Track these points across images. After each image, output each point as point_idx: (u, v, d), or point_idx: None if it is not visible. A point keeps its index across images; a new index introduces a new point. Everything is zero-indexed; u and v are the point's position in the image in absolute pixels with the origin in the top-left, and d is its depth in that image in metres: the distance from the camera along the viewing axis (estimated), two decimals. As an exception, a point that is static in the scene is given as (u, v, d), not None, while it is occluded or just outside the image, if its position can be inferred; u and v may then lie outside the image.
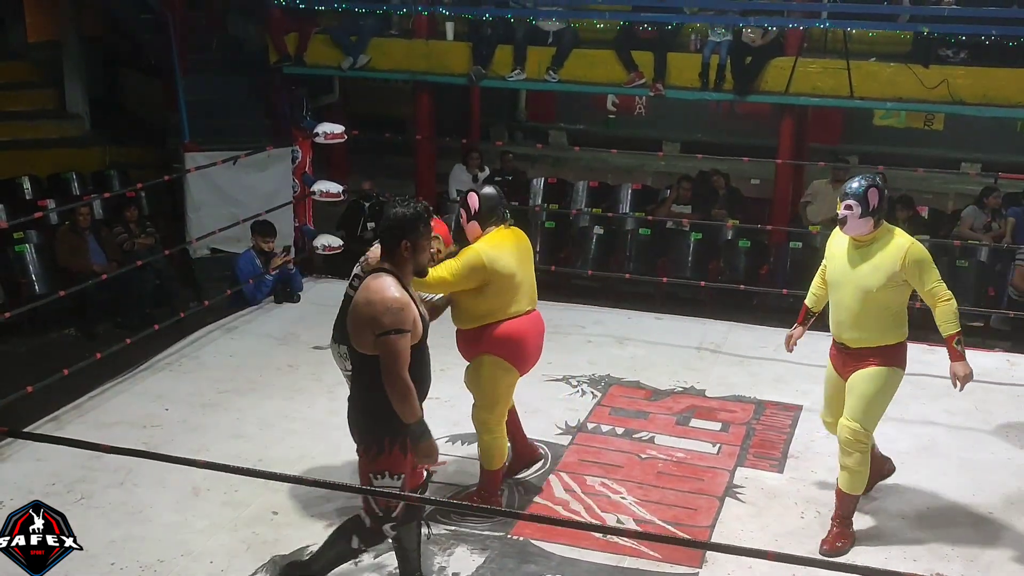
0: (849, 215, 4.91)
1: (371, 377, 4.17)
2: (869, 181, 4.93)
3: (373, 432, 4.25)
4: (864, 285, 4.92)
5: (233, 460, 5.63)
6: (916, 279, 4.94)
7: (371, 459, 4.27)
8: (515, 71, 11.04)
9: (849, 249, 5.03)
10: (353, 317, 4.20)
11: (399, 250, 4.19)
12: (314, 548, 5.02)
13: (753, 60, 10.33)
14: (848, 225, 4.94)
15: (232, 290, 8.70)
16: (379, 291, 4.10)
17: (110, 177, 12.10)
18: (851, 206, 4.90)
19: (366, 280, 4.21)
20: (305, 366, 7.34)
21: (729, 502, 5.60)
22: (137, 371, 7.20)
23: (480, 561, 4.99)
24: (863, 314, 4.96)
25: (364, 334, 4.14)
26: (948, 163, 12.86)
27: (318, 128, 9.12)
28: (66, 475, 5.69)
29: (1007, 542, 5.25)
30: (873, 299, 4.92)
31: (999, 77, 9.76)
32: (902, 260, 4.88)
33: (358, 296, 4.19)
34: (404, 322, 4.08)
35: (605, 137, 14.76)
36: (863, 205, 4.87)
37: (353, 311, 4.20)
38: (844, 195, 4.94)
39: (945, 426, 6.54)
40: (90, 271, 9.27)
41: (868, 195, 4.87)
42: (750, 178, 12.77)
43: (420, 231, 4.20)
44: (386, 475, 4.27)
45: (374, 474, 4.27)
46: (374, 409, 4.21)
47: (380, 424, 4.23)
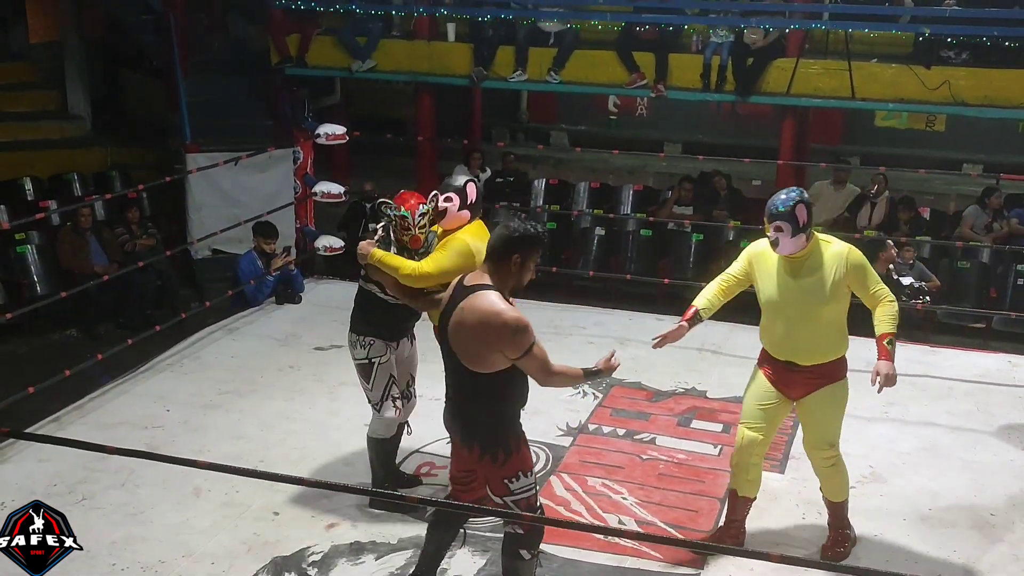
0: (780, 236, 4.69)
1: (493, 389, 4.15)
2: (794, 197, 4.69)
3: (498, 438, 4.21)
4: (811, 301, 4.74)
5: (234, 461, 5.64)
6: (859, 283, 4.78)
7: (501, 464, 4.21)
8: (516, 72, 11.05)
9: (783, 268, 4.80)
10: (467, 339, 4.09)
11: (508, 264, 4.10)
12: (315, 548, 5.03)
13: (755, 61, 10.33)
14: (782, 246, 4.72)
15: (233, 291, 8.71)
16: (495, 314, 4.01)
17: (112, 178, 12.09)
18: (781, 227, 4.67)
19: (469, 300, 4.07)
20: (306, 367, 7.34)
21: (730, 503, 5.59)
22: (139, 372, 7.20)
23: (482, 563, 4.99)
24: (814, 330, 4.78)
25: (486, 356, 4.07)
26: (950, 164, 12.86)
27: (319, 129, 9.11)
28: (68, 476, 5.69)
29: (1009, 544, 5.24)
30: (822, 313, 4.75)
31: (1000, 78, 9.76)
32: (844, 267, 4.72)
33: (465, 317, 4.06)
34: (531, 332, 4.05)
35: (606, 138, 14.77)
36: (793, 224, 4.65)
37: (466, 334, 4.08)
38: (770, 216, 4.70)
39: (946, 427, 6.54)
40: (91, 272, 9.27)
41: (796, 212, 4.65)
42: (751, 179, 12.76)
43: (532, 251, 4.15)
44: (520, 475, 4.25)
45: (509, 479, 4.23)
46: (499, 417, 4.21)
47: (503, 427, 4.23)
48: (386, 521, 5.31)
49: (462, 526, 4.68)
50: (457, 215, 5.10)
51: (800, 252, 4.74)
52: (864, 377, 4.86)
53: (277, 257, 8.76)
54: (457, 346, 4.14)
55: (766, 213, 4.72)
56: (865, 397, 6.88)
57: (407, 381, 5.53)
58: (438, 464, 5.85)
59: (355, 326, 5.31)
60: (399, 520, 5.31)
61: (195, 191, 10.79)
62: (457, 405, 4.29)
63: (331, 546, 5.11)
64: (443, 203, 5.09)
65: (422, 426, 6.14)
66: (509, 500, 4.25)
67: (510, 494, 4.24)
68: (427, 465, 5.92)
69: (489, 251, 4.17)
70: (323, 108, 12.52)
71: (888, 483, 5.82)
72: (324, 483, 5.00)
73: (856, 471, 5.91)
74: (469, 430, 4.27)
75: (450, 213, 5.09)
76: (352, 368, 5.39)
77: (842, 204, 10.85)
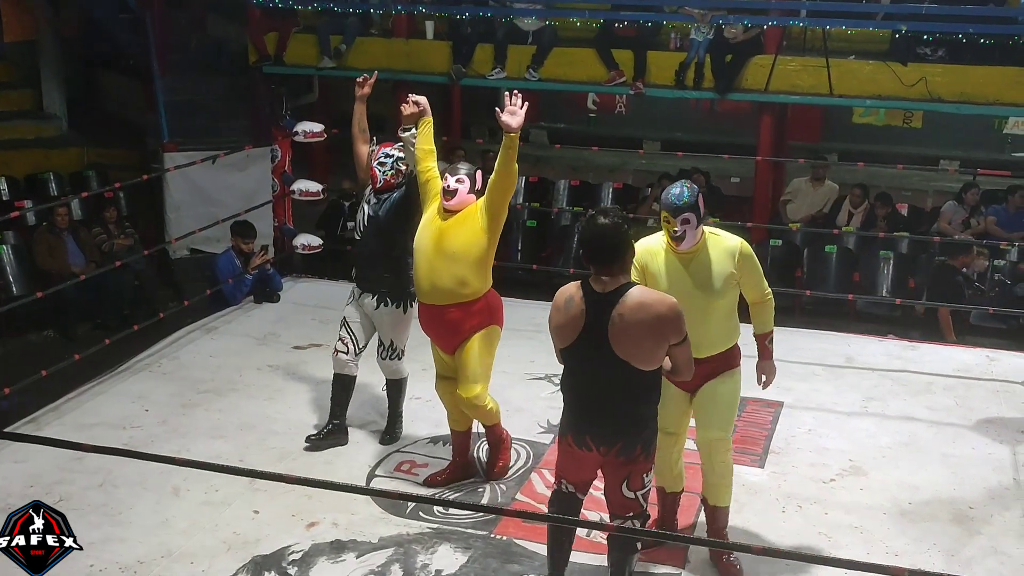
0: (688, 229, 4.56)
1: (653, 384, 4.16)
2: (694, 188, 4.60)
3: (641, 434, 4.21)
4: (705, 295, 4.62)
5: (213, 460, 5.59)
6: (748, 275, 4.70)
7: (643, 459, 4.22)
8: (495, 70, 11.05)
9: (672, 262, 4.67)
10: (640, 337, 4.02)
11: (628, 258, 4.14)
12: (296, 547, 5.01)
13: (733, 58, 10.36)
14: (687, 240, 4.58)
15: (211, 290, 8.65)
16: (663, 302, 4.05)
17: (88, 177, 12.03)
18: (689, 219, 4.54)
19: (626, 301, 4.02)
20: (285, 366, 7.30)
21: (711, 499, 5.59)
22: (116, 372, 7.15)
23: (463, 560, 4.97)
24: (708, 323, 4.64)
25: (654, 350, 4.05)
26: (927, 160, 12.93)
27: (298, 127, 9.07)
28: (45, 477, 5.64)
29: (988, 537, 5.26)
30: (716, 305, 4.64)
31: (977, 75, 9.83)
32: (737, 258, 4.64)
33: (634, 316, 4.00)
34: None
35: (586, 136, 14.76)
36: (697, 214, 4.55)
37: (637, 332, 4.01)
38: (676, 209, 4.53)
39: (926, 422, 6.57)
40: (68, 272, 9.22)
41: (699, 203, 4.56)
42: (730, 176, 12.80)
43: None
44: (652, 469, 4.33)
45: (646, 472, 4.28)
46: (644, 414, 4.21)
47: (653, 422, 4.26)
48: (367, 519, 5.29)
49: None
50: (467, 198, 5.25)
51: (693, 247, 4.63)
52: (846, 373, 4.90)
53: (255, 256, 8.71)
54: (626, 349, 4.03)
55: (667, 208, 4.56)
56: (844, 391, 6.97)
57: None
58: (419, 463, 5.86)
59: (371, 286, 5.81)
60: (380, 519, 5.30)
61: (173, 190, 10.75)
62: (610, 406, 4.18)
63: (312, 545, 5.07)
64: (455, 184, 5.23)
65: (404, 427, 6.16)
66: (640, 494, 4.30)
67: (644, 487, 4.29)
68: (408, 463, 5.91)
69: (606, 253, 4.08)
70: (301, 106, 12.45)
71: (868, 477, 5.84)
72: (305, 480, 4.95)
73: (836, 465, 5.96)
74: (620, 429, 4.19)
75: (460, 194, 5.23)
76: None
77: (820, 201, 10.90)
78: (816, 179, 10.92)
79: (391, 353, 5.93)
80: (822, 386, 7.05)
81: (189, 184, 10.69)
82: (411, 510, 5.35)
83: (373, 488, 5.65)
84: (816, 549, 5.07)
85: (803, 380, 7.11)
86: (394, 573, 4.85)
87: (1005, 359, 7.62)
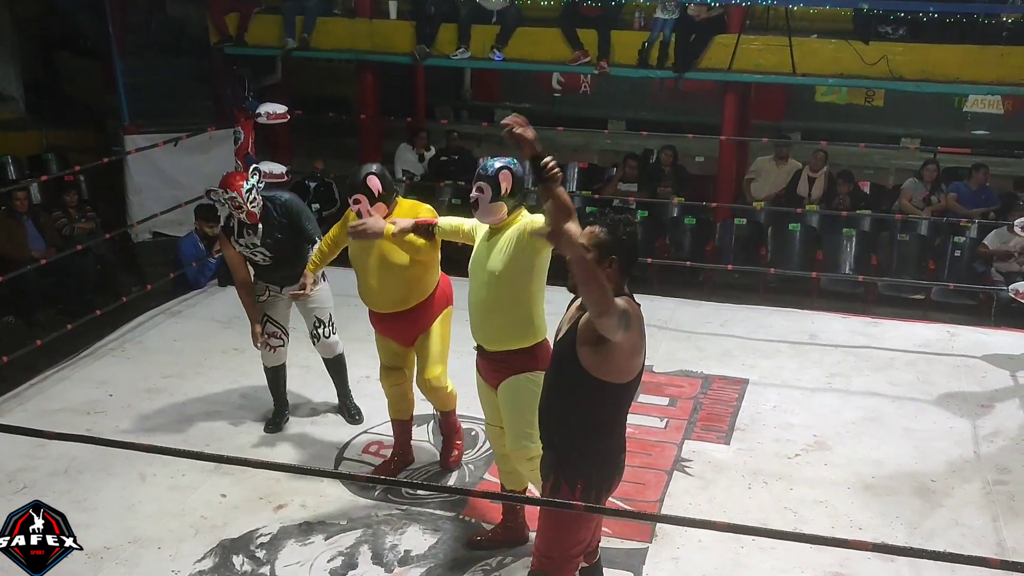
0: (480, 198, 4.46)
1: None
2: (506, 164, 4.49)
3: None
4: (493, 279, 4.42)
5: (180, 445, 5.58)
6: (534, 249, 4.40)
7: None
8: (459, 50, 11.00)
9: (483, 240, 4.56)
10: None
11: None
12: (264, 530, 5.00)
13: (696, 37, 10.37)
14: (480, 210, 4.48)
15: (175, 274, 8.59)
16: None
17: (47, 161, 11.86)
18: (482, 188, 4.45)
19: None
20: (251, 349, 7.19)
21: (677, 475, 5.63)
22: (79, 357, 7.08)
23: (432, 541, 4.98)
24: (492, 311, 4.45)
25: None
26: (888, 138, 13.01)
27: (260, 109, 8.99)
28: (7, 464, 5.58)
29: (949, 509, 5.35)
30: (501, 294, 4.41)
31: (937, 53, 9.91)
32: (521, 240, 4.40)
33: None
34: None
35: (551, 115, 14.72)
36: (494, 188, 4.43)
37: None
38: (476, 176, 4.50)
39: (888, 397, 6.65)
40: (28, 257, 9.09)
41: (500, 178, 4.43)
42: (695, 156, 12.82)
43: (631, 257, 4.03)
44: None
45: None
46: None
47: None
48: (336, 502, 5.29)
49: None
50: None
51: (497, 225, 4.51)
52: (810, 349, 4.92)
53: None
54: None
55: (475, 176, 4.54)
56: (808, 368, 7.03)
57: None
58: (386, 443, 5.85)
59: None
60: (348, 501, 5.30)
61: (134, 173, 10.64)
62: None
63: (280, 527, 5.07)
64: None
65: (372, 407, 6.14)
66: None
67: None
68: (375, 444, 5.91)
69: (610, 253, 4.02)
70: (264, 87, 12.34)
71: (832, 451, 5.91)
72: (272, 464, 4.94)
73: (800, 440, 6.02)
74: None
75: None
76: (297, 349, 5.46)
77: (784, 180, 10.96)
78: (780, 158, 10.97)
79: (326, 329, 6.03)
80: (787, 363, 7.12)
81: (151, 167, 10.57)
82: (379, 492, 5.36)
83: (340, 472, 5.66)
84: (782, 524, 5.12)
85: (768, 357, 7.17)
86: (363, 554, 4.86)
87: (965, 334, 7.73)
